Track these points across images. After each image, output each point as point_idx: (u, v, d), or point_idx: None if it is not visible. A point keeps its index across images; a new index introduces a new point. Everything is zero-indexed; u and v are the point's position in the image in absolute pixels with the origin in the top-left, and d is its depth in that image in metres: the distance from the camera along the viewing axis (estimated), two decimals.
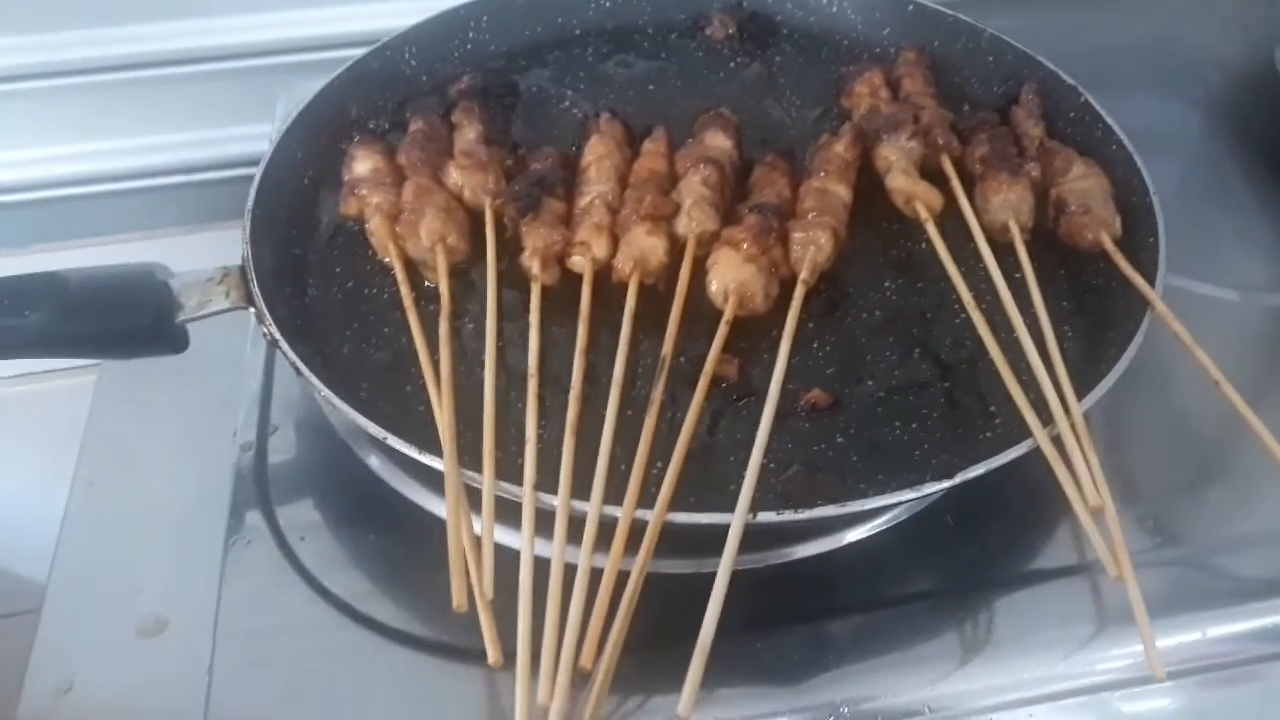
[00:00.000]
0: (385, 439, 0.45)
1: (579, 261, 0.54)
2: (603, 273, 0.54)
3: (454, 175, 0.58)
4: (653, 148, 0.60)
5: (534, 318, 0.51)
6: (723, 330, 0.50)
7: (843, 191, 0.57)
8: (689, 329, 0.51)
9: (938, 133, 0.59)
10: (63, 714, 0.61)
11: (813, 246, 0.54)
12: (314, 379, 0.47)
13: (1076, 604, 0.50)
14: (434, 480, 0.51)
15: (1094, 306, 0.54)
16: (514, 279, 0.55)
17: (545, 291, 0.54)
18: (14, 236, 0.95)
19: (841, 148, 0.59)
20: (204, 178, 0.94)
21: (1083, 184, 0.56)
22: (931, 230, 0.55)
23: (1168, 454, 0.57)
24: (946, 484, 0.43)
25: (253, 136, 0.91)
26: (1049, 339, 0.49)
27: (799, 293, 0.52)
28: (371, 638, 0.49)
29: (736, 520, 0.41)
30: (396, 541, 0.53)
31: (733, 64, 0.70)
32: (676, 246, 0.55)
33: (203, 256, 0.89)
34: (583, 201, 0.56)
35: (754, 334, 0.53)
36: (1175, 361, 0.51)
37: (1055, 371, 0.47)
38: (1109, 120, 0.60)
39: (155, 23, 0.84)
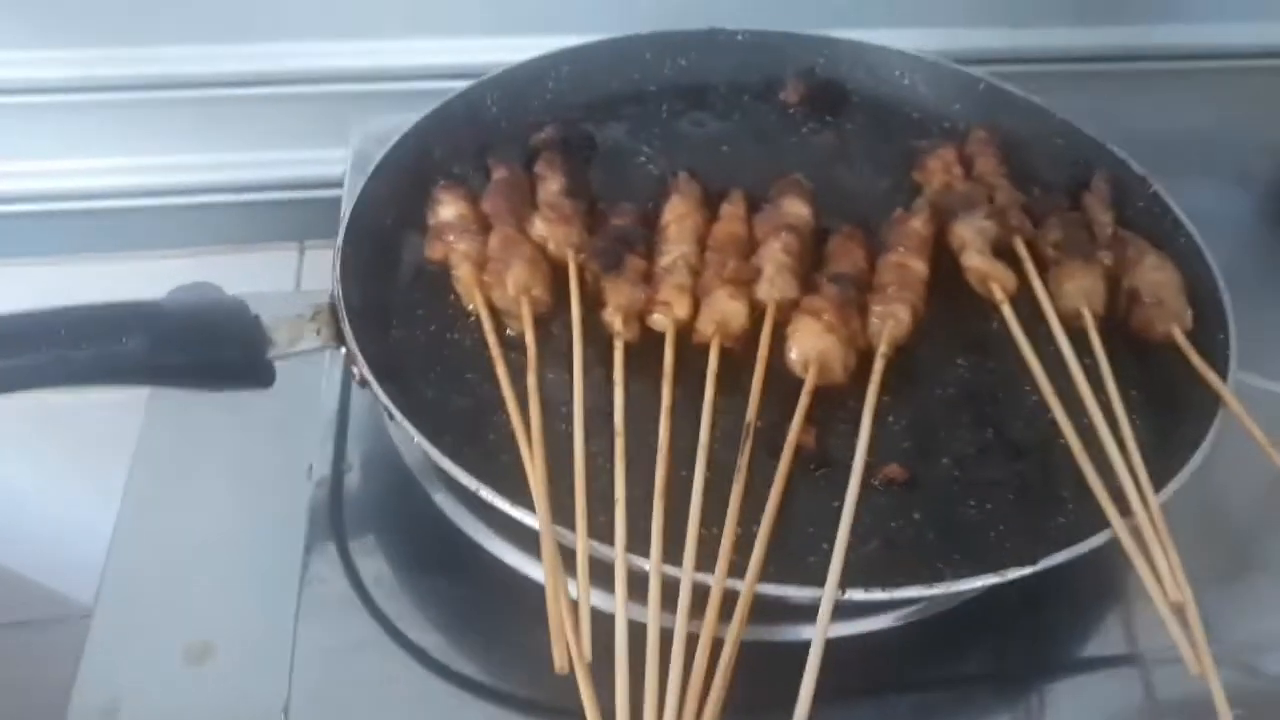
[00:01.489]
0: (478, 490, 0.45)
1: (660, 320, 0.55)
2: (681, 332, 0.55)
3: (539, 227, 0.59)
4: (731, 210, 0.62)
5: (618, 375, 0.52)
6: (804, 400, 0.52)
7: (920, 267, 0.58)
8: (766, 394, 0.53)
9: (1012, 214, 0.60)
10: None
11: (891, 320, 0.55)
12: (408, 425, 0.47)
13: (1129, 695, 0.51)
14: (507, 528, 0.53)
15: (1164, 397, 0.55)
16: (593, 333, 0.56)
17: (625, 347, 0.55)
18: (63, 244, 0.96)
19: (919, 224, 0.60)
20: (256, 198, 0.96)
21: (1156, 275, 0.57)
22: (1006, 311, 0.56)
23: (1221, 545, 0.58)
24: (1029, 570, 0.44)
25: (309, 161, 0.94)
26: (1124, 427, 0.50)
27: (878, 366, 0.53)
28: (445, 686, 0.50)
29: (827, 596, 0.42)
30: (468, 588, 0.54)
31: (805, 129, 0.71)
32: (756, 311, 0.56)
33: (254, 275, 0.90)
34: (664, 260, 0.58)
35: (829, 403, 0.54)
36: (1235, 454, 0.52)
37: (1131, 460, 0.48)
38: (1178, 212, 0.62)
39: (228, 44, 0.86)
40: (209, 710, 0.63)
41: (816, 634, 0.41)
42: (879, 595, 0.42)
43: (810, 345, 0.54)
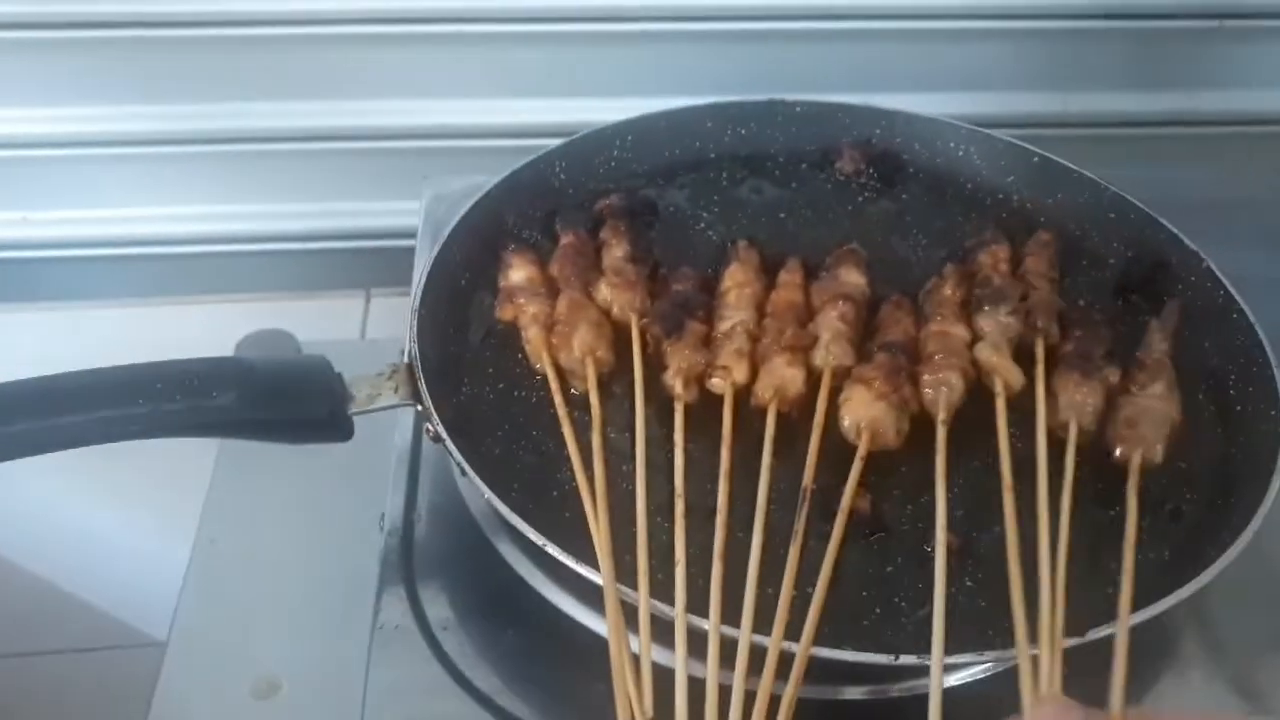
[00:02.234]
0: (544, 546, 0.47)
1: (718, 384, 0.57)
2: (739, 396, 0.57)
3: (604, 291, 0.62)
4: (789, 278, 0.64)
5: (678, 436, 0.54)
6: (858, 465, 0.53)
7: (962, 331, 0.60)
8: (822, 459, 0.54)
9: (1039, 316, 0.60)
10: None
11: (944, 388, 0.56)
12: (479, 481, 0.50)
13: None
14: (570, 582, 0.54)
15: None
16: (654, 394, 0.58)
17: (685, 409, 0.56)
18: (139, 287, 1.01)
19: (949, 290, 0.62)
20: (325, 246, 1.00)
21: (1149, 402, 0.56)
22: (999, 405, 0.56)
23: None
24: (1077, 640, 0.45)
25: (377, 212, 0.98)
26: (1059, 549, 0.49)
27: (941, 435, 0.54)
28: None
29: (881, 658, 0.43)
30: (531, 638, 0.56)
31: (860, 198, 0.73)
32: (812, 377, 0.58)
33: (321, 321, 0.94)
34: (723, 326, 0.60)
35: (883, 469, 0.55)
36: None
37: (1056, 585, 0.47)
38: (1230, 288, 0.63)
39: (307, 101, 0.91)
40: None
41: (932, 698, 0.42)
42: (929, 660, 0.44)
43: (862, 412, 0.55)
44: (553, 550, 0.47)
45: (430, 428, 0.54)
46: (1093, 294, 0.66)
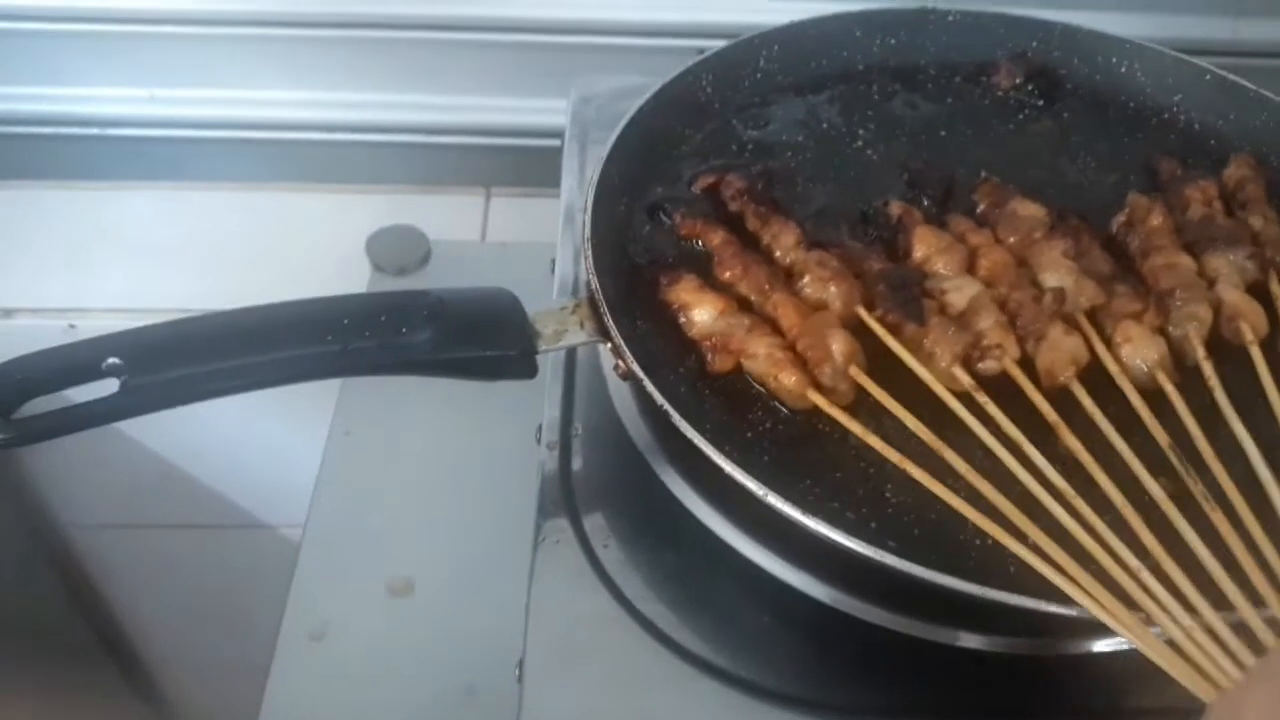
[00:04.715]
0: (765, 496, 0.46)
1: (993, 365, 0.54)
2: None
3: (814, 290, 0.56)
4: (969, 230, 0.60)
5: (1009, 427, 0.50)
6: (1182, 403, 0.51)
7: (1189, 262, 0.57)
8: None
9: (1271, 249, 0.58)
10: (317, 658, 0.66)
11: (1194, 322, 0.54)
12: (687, 428, 0.48)
13: None
14: (735, 513, 0.54)
15: None
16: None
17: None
18: (262, 172, 1.01)
19: (1157, 220, 0.60)
20: (448, 140, 0.99)
21: None
22: (1255, 354, 0.54)
23: None
24: None
25: (507, 108, 0.96)
26: None
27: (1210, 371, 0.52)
28: (673, 659, 0.52)
29: None
30: (693, 564, 0.56)
31: (1021, 116, 0.71)
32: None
33: (442, 218, 0.93)
34: (956, 298, 0.56)
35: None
36: None
37: None
38: None
39: None
40: (409, 642, 0.67)
41: None
42: None
43: (1151, 350, 0.53)
44: (773, 499, 0.46)
45: (621, 364, 0.52)
46: None
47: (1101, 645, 0.51)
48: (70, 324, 0.90)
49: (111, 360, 0.48)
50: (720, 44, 0.70)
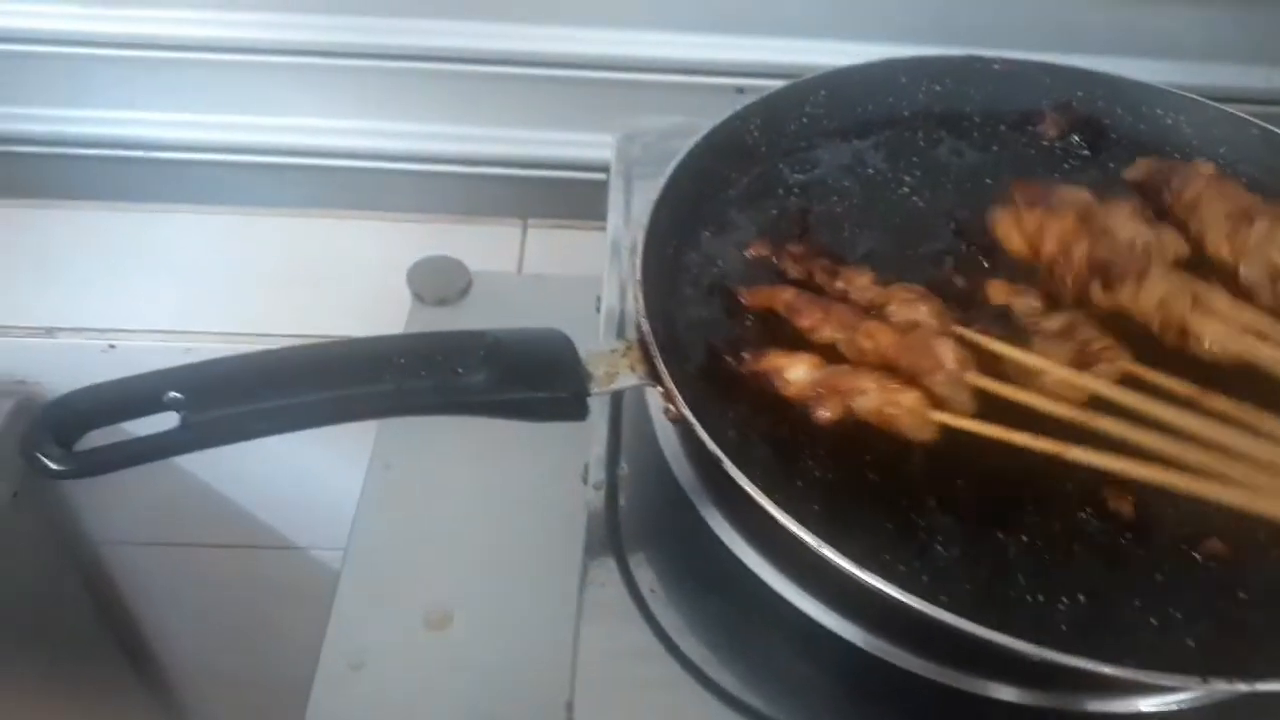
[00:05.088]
0: (819, 548, 0.46)
1: (1108, 369, 0.53)
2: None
3: (904, 312, 0.56)
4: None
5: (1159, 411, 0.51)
6: None
7: None
8: None
9: None
10: (356, 687, 0.66)
11: None
12: (740, 477, 0.48)
13: None
14: (781, 556, 0.54)
15: None
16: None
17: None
18: (298, 198, 1.02)
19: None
20: (487, 172, 1.00)
21: None
22: None
23: None
24: None
25: (541, 141, 0.97)
26: None
27: None
28: (721, 708, 0.52)
29: None
30: (738, 607, 0.55)
31: (1066, 165, 0.71)
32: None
33: (480, 248, 0.94)
34: (1048, 323, 0.55)
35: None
36: None
37: None
38: None
39: (497, 24, 0.90)
40: (446, 675, 0.67)
41: None
42: (1241, 688, 0.42)
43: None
44: (827, 550, 0.46)
45: (672, 409, 0.53)
46: None
47: (1149, 705, 0.51)
48: (110, 344, 0.92)
49: (171, 394, 0.49)
50: (759, 83, 0.71)
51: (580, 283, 0.79)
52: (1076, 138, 0.71)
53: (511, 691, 0.65)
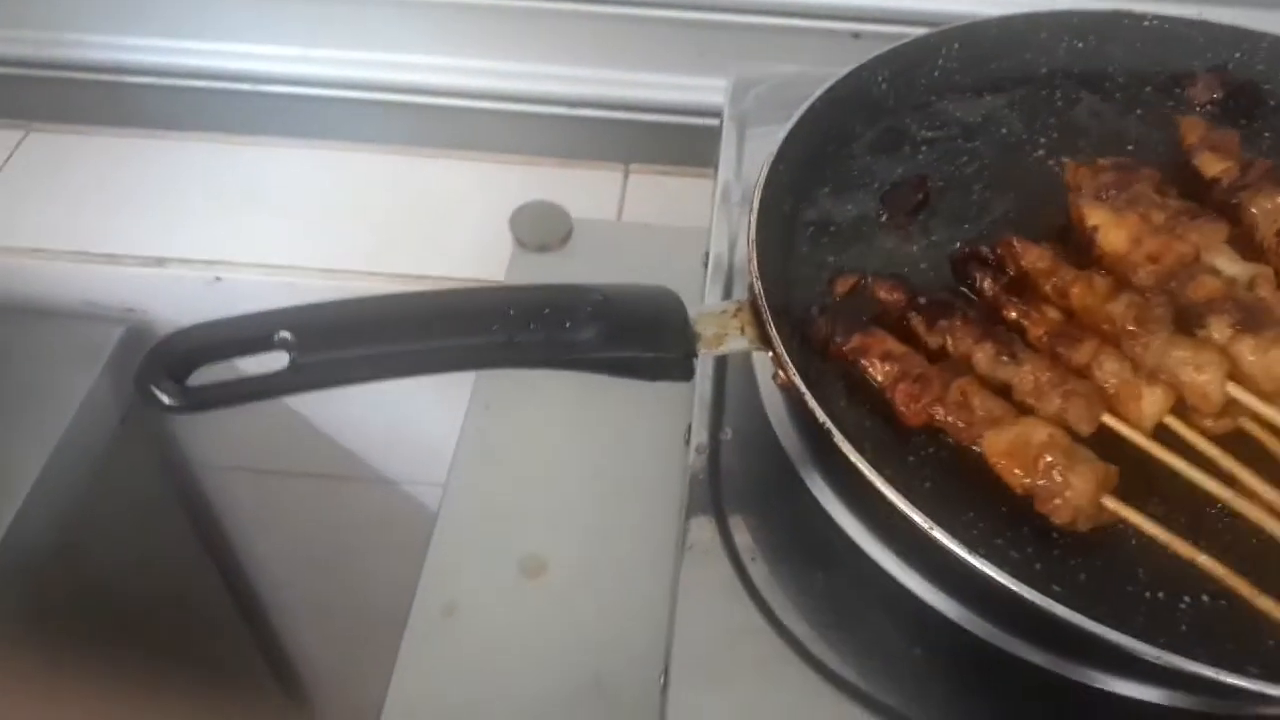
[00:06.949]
0: (930, 530, 0.44)
1: None
2: None
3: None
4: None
5: None
6: None
7: None
8: None
9: None
10: (447, 633, 0.66)
11: None
12: (849, 450, 0.46)
13: None
14: (886, 533, 0.53)
15: None
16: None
17: None
18: (404, 135, 1.01)
19: None
20: (591, 114, 0.98)
21: None
22: None
23: None
24: None
25: (651, 84, 0.95)
26: None
27: None
28: (821, 684, 0.50)
29: None
30: (843, 582, 0.54)
31: None
32: None
33: (580, 193, 0.92)
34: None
35: None
36: None
37: None
38: None
39: None
40: (539, 625, 0.66)
41: None
42: None
43: None
44: (942, 537, 0.44)
45: (781, 375, 0.51)
46: None
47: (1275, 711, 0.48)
48: (216, 276, 0.93)
49: (283, 334, 0.49)
50: (876, 29, 0.67)
51: (682, 233, 0.77)
52: (1231, 104, 0.66)
53: (605, 646, 0.64)
